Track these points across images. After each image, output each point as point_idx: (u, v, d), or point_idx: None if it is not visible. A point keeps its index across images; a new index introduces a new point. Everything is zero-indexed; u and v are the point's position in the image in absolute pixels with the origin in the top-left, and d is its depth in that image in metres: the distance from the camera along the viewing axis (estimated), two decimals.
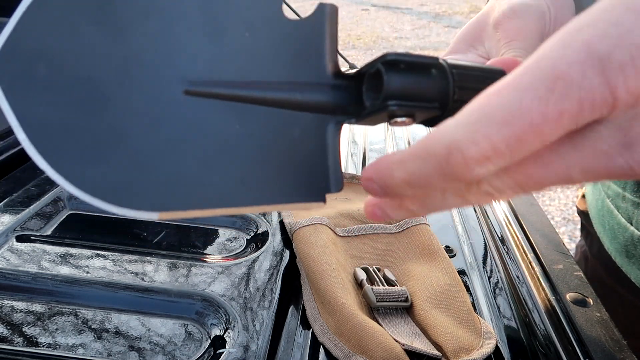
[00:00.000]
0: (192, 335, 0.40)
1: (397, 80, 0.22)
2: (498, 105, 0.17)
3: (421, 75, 0.22)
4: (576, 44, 0.17)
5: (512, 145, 0.17)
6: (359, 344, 0.39)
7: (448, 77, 0.23)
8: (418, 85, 0.22)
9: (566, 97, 0.16)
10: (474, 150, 0.18)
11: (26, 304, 0.42)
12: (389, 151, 0.79)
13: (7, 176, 0.62)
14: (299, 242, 0.50)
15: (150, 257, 0.49)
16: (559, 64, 0.17)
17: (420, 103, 0.22)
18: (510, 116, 0.17)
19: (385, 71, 0.22)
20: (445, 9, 6.81)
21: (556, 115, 0.17)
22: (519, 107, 0.17)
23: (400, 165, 0.20)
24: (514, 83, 0.17)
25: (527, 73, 0.17)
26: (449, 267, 0.48)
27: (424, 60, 0.22)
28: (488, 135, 0.17)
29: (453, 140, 0.18)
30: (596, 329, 0.44)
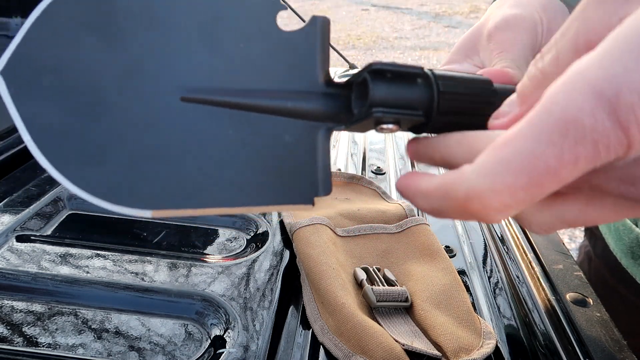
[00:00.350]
0: (192, 335, 0.40)
1: (382, 88, 0.23)
2: (513, 154, 0.18)
3: (406, 84, 0.23)
4: (583, 87, 0.17)
5: (531, 192, 0.18)
6: (359, 344, 0.39)
7: (432, 86, 0.24)
8: (402, 93, 0.23)
9: (581, 142, 0.17)
10: (495, 199, 0.18)
11: (26, 304, 0.42)
12: (389, 151, 0.79)
13: (7, 176, 0.62)
14: (299, 242, 0.50)
15: (150, 257, 0.49)
16: (569, 109, 0.17)
17: (404, 111, 0.23)
18: (527, 164, 0.17)
19: (371, 80, 0.23)
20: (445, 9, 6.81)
21: (572, 159, 0.17)
22: (534, 155, 0.17)
23: (424, 198, 0.21)
24: (526, 131, 0.18)
25: (538, 120, 0.17)
26: (449, 267, 0.48)
27: (409, 70, 0.24)
28: (507, 184, 0.18)
29: (471, 188, 0.18)
30: (596, 329, 0.44)
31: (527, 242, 0.57)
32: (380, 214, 0.57)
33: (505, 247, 0.57)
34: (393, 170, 0.73)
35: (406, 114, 0.23)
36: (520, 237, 0.58)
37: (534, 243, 0.57)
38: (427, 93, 0.24)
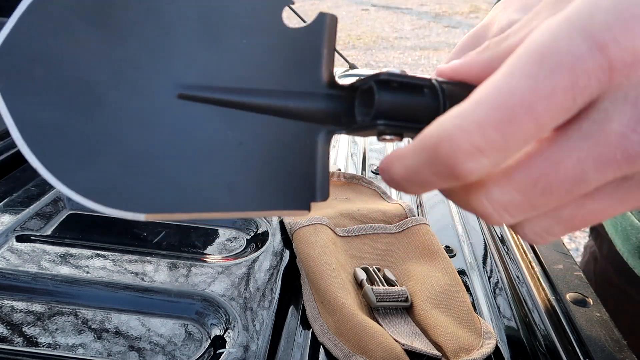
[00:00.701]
0: (192, 335, 0.40)
1: (387, 100, 0.22)
2: (487, 91, 0.16)
3: (412, 97, 0.22)
4: (558, 19, 0.16)
5: (505, 131, 0.16)
6: (359, 344, 0.39)
7: (439, 101, 0.23)
8: (408, 106, 0.22)
9: (557, 70, 0.15)
10: (464, 138, 0.16)
11: (26, 304, 0.42)
12: (389, 151, 0.79)
13: (7, 176, 0.62)
14: (299, 242, 0.50)
15: (150, 257, 0.49)
16: (544, 40, 0.16)
17: (408, 124, 0.22)
18: (500, 98, 0.16)
19: (377, 90, 0.22)
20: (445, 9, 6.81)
21: (548, 90, 0.16)
22: (507, 88, 0.16)
23: (399, 160, 0.19)
24: (503, 69, 0.17)
25: (514, 57, 0.17)
26: (449, 267, 0.48)
27: (416, 82, 0.23)
28: (477, 120, 0.16)
29: (443, 130, 0.17)
30: (596, 329, 0.44)
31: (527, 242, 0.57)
32: (380, 214, 0.57)
33: (505, 247, 0.57)
34: None
35: (410, 127, 0.22)
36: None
37: None
38: (433, 107, 0.23)
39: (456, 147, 0.16)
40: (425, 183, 0.18)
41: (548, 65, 0.16)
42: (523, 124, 0.16)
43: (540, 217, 0.19)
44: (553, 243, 0.57)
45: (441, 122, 0.17)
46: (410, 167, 0.18)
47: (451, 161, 0.17)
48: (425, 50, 5.05)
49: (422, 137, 0.18)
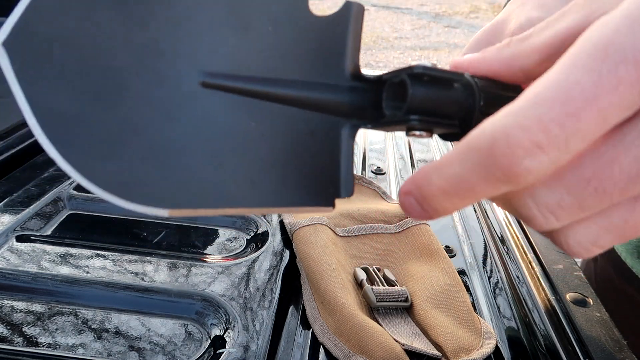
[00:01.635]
0: (192, 335, 0.40)
1: (421, 94, 0.21)
2: (547, 86, 0.16)
3: (445, 91, 0.22)
4: (615, 15, 0.16)
5: (567, 126, 0.15)
6: (359, 344, 0.39)
7: (475, 96, 0.22)
8: (442, 101, 0.21)
9: (622, 62, 0.15)
10: (523, 135, 0.15)
11: (26, 304, 0.42)
12: (389, 151, 0.79)
13: (7, 176, 0.62)
14: (299, 242, 0.50)
15: (150, 257, 0.49)
16: (606, 34, 0.15)
17: (441, 119, 0.22)
18: (562, 92, 0.15)
19: (411, 84, 0.21)
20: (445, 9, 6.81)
21: (613, 83, 0.15)
22: (568, 82, 0.15)
23: (438, 170, 0.17)
24: (561, 64, 0.16)
25: (575, 51, 0.16)
26: (449, 267, 0.48)
27: (450, 76, 0.22)
28: (538, 116, 0.15)
29: (498, 128, 0.16)
30: (596, 329, 0.44)
31: (527, 242, 0.57)
32: (380, 214, 0.57)
33: (505, 247, 0.57)
34: (393, 170, 0.73)
35: (442, 123, 0.22)
36: (520, 237, 0.58)
37: (534, 243, 0.57)
38: (467, 103, 0.22)
39: (515, 145, 0.15)
40: (470, 191, 0.17)
41: (612, 59, 0.15)
42: (587, 119, 0.15)
43: (588, 223, 0.18)
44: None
45: (495, 121, 0.16)
46: (454, 175, 0.17)
47: (508, 161, 0.16)
48: (425, 50, 5.05)
49: (471, 140, 0.17)
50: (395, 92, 0.22)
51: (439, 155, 0.79)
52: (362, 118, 0.23)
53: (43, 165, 0.64)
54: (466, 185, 0.17)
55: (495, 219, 0.63)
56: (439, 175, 0.17)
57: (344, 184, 0.23)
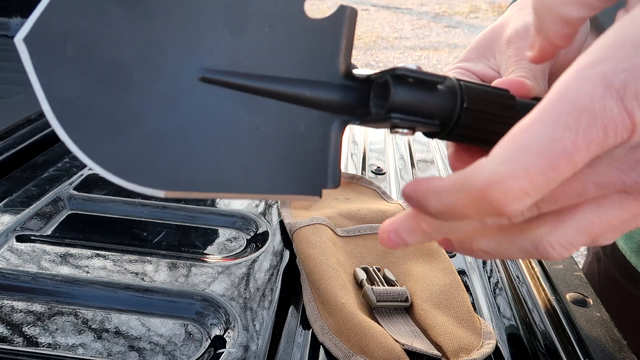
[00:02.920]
0: (192, 335, 0.40)
1: (402, 95, 0.23)
2: (532, 139, 0.18)
3: (428, 93, 0.23)
4: (594, 78, 0.18)
5: (548, 176, 0.18)
6: (359, 344, 0.39)
7: (457, 100, 0.23)
8: (423, 102, 0.23)
9: (593, 126, 0.18)
10: (513, 184, 0.18)
11: (26, 304, 0.42)
12: (389, 151, 0.79)
13: (7, 176, 0.62)
14: (299, 242, 0.50)
15: (150, 257, 0.49)
16: (581, 97, 0.18)
17: (422, 119, 0.23)
18: (546, 148, 0.18)
19: (393, 84, 0.23)
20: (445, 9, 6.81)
21: (586, 142, 0.18)
22: (552, 139, 0.18)
23: (437, 195, 0.20)
24: (543, 117, 0.18)
25: (554, 107, 0.18)
26: (449, 267, 0.48)
27: (432, 79, 0.23)
28: (526, 168, 0.18)
29: (491, 175, 0.18)
30: (596, 329, 0.44)
31: None
32: (380, 214, 0.57)
33: None
34: (393, 170, 0.73)
35: (423, 122, 0.23)
36: None
37: None
38: (448, 104, 0.24)
39: (507, 192, 0.18)
40: (461, 216, 0.20)
41: (586, 122, 0.18)
42: (564, 169, 0.18)
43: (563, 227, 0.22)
44: None
45: (488, 167, 0.19)
46: (449, 203, 0.20)
47: (500, 203, 0.19)
48: (425, 50, 5.05)
49: (467, 178, 0.19)
50: (380, 91, 0.24)
51: (439, 155, 0.79)
52: (351, 114, 0.25)
53: (43, 165, 0.64)
54: (458, 212, 0.20)
55: None
56: (437, 200, 0.20)
57: (331, 176, 0.24)
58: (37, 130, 0.74)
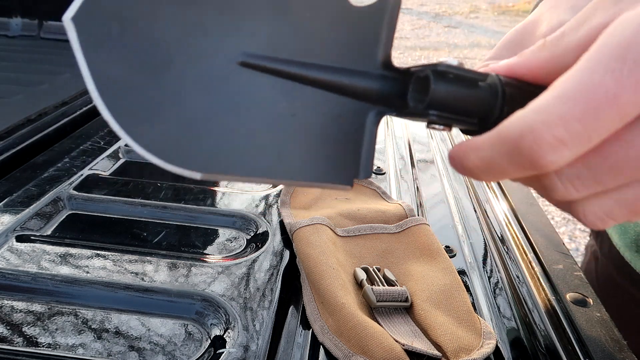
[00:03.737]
0: (192, 335, 0.40)
1: (442, 91, 0.22)
2: (570, 85, 0.17)
3: (468, 90, 0.23)
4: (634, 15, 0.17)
5: (588, 123, 0.17)
6: (359, 344, 0.39)
7: (498, 97, 0.23)
8: (462, 99, 0.23)
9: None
10: (547, 131, 0.17)
11: (26, 304, 0.42)
12: (389, 151, 0.79)
13: (7, 176, 0.62)
14: (299, 242, 0.50)
15: (150, 257, 0.49)
16: (625, 36, 0.16)
17: (460, 116, 0.23)
18: (584, 93, 0.16)
19: (434, 80, 0.22)
20: (445, 9, 6.81)
21: (633, 82, 0.16)
22: (591, 82, 0.16)
23: (475, 151, 0.20)
24: (583, 63, 0.17)
25: (596, 52, 0.17)
26: (449, 267, 0.48)
27: (474, 76, 0.23)
28: (561, 114, 0.17)
29: (525, 124, 0.18)
30: (596, 329, 0.44)
31: (527, 242, 0.57)
32: (380, 214, 0.57)
33: (505, 247, 0.57)
34: (393, 170, 0.73)
35: (461, 119, 0.23)
36: (520, 237, 0.58)
37: (534, 243, 0.57)
38: (488, 103, 0.23)
39: (540, 141, 0.17)
40: (501, 172, 0.19)
41: (631, 59, 0.16)
42: (607, 116, 0.17)
43: (604, 197, 0.20)
44: (553, 243, 0.57)
45: (522, 116, 0.18)
46: (487, 158, 0.19)
47: (534, 154, 0.17)
48: (425, 50, 5.05)
49: (502, 130, 0.19)
50: (420, 85, 0.23)
51: (439, 155, 0.79)
52: (387, 106, 0.24)
53: (43, 165, 0.64)
54: (497, 167, 0.19)
55: (495, 219, 0.63)
56: (474, 155, 0.20)
57: (363, 166, 0.24)
58: (37, 130, 0.74)
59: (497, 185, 0.70)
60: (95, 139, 0.74)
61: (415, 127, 0.90)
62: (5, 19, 1.25)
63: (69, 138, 0.74)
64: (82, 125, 0.79)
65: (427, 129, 0.24)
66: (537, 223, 0.61)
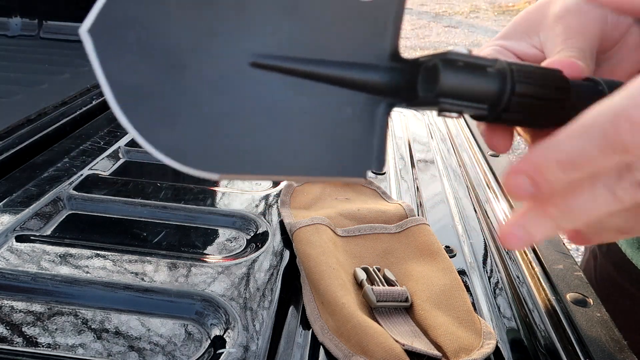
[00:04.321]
0: (192, 335, 0.40)
1: (451, 79, 0.23)
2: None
3: (477, 77, 0.23)
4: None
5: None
6: (359, 344, 0.39)
7: (507, 82, 0.23)
8: (472, 86, 0.23)
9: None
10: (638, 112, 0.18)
11: (26, 304, 0.42)
12: (389, 151, 0.79)
13: (7, 176, 0.61)
14: (299, 242, 0.50)
15: (150, 257, 0.49)
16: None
17: (470, 103, 0.23)
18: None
19: (443, 69, 0.23)
20: (445, 9, 6.81)
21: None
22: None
23: (556, 146, 0.20)
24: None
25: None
26: (449, 267, 0.48)
27: (482, 63, 0.23)
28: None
29: (619, 109, 0.18)
30: (596, 329, 0.44)
31: None
32: (380, 214, 0.56)
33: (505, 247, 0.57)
34: (393, 170, 0.73)
35: (471, 106, 0.23)
36: None
37: (534, 243, 0.57)
38: (498, 88, 0.23)
39: (635, 122, 0.18)
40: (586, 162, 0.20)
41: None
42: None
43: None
44: (553, 243, 0.57)
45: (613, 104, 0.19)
46: (574, 148, 0.20)
47: (629, 136, 0.18)
48: (426, 50, 5.05)
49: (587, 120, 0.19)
50: (429, 75, 0.24)
51: (439, 156, 0.79)
52: (398, 97, 0.25)
53: (43, 165, 0.64)
54: (585, 156, 0.19)
55: (495, 219, 0.63)
56: (557, 149, 0.20)
57: (376, 158, 0.25)
58: (37, 130, 0.74)
59: (497, 185, 0.70)
60: (95, 139, 0.74)
61: (416, 127, 0.90)
62: (5, 19, 1.25)
63: (68, 138, 0.74)
64: (82, 125, 0.79)
65: (439, 116, 0.24)
66: None
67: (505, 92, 0.23)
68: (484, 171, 0.75)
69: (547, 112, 0.25)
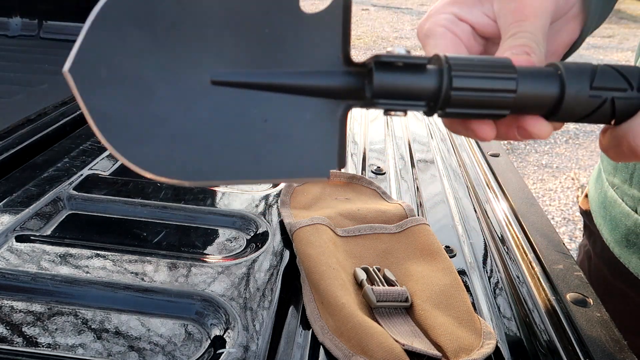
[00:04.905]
0: (192, 335, 0.40)
1: (385, 80, 0.24)
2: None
3: (414, 76, 0.24)
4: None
5: None
6: (359, 344, 0.39)
7: (443, 79, 0.24)
8: (408, 85, 0.24)
9: None
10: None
11: (26, 304, 0.42)
12: (389, 151, 0.79)
13: (7, 176, 0.61)
14: (299, 242, 0.50)
15: (150, 257, 0.49)
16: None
17: (408, 101, 0.25)
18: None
19: (376, 71, 0.24)
20: None
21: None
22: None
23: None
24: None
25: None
26: (449, 267, 0.48)
27: (419, 62, 0.24)
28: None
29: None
30: (596, 329, 0.44)
31: (527, 242, 0.57)
32: (380, 214, 0.56)
33: (505, 247, 0.57)
34: (393, 170, 0.73)
35: (408, 104, 0.25)
36: (520, 237, 0.58)
37: (534, 243, 0.57)
38: (434, 85, 0.24)
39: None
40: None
41: None
42: None
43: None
44: (553, 243, 0.57)
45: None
46: None
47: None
48: None
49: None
50: (369, 77, 0.25)
51: (439, 156, 0.79)
52: (353, 98, 0.26)
53: (43, 165, 0.64)
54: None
55: (495, 219, 0.63)
56: None
57: (338, 157, 0.26)
58: (37, 130, 0.74)
59: (497, 185, 0.70)
60: (95, 139, 0.74)
61: (416, 127, 0.90)
62: (5, 19, 1.25)
63: (68, 138, 0.74)
64: (82, 125, 0.79)
65: (385, 115, 0.26)
66: (537, 223, 0.61)
67: (442, 88, 0.24)
68: (484, 171, 0.75)
69: (495, 102, 0.25)
